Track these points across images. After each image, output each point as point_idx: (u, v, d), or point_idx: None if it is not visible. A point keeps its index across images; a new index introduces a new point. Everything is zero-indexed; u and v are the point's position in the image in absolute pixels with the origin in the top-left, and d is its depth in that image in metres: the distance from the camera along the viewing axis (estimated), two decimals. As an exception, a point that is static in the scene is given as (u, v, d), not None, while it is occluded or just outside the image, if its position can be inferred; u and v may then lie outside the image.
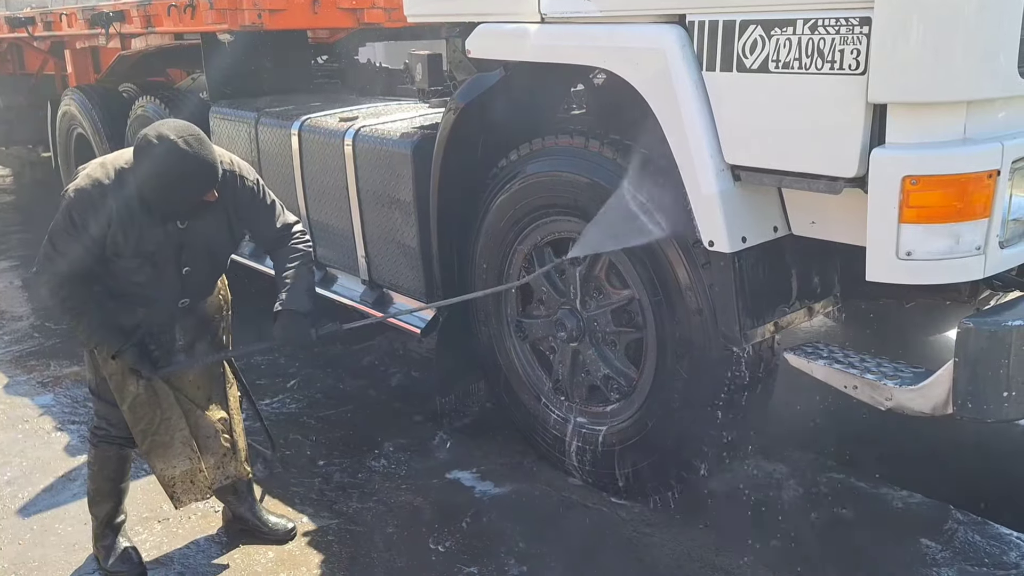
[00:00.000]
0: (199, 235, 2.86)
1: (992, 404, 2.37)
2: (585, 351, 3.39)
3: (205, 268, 2.97)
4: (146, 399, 2.92)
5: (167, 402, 2.96)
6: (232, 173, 2.89)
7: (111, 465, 3.09)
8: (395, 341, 5.01)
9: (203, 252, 2.91)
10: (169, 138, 2.61)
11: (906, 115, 2.32)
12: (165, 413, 2.96)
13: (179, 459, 2.99)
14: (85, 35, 6.36)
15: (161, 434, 2.96)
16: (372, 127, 4.03)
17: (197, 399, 3.04)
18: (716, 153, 2.68)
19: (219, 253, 3.01)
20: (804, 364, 2.81)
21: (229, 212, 2.92)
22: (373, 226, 4.08)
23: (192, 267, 2.90)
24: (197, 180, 2.68)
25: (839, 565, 3.04)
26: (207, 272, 3.00)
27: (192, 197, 2.73)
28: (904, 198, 2.32)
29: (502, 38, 3.25)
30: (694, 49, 2.67)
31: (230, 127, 4.98)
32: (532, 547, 3.17)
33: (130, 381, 2.91)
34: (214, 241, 2.93)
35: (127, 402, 2.92)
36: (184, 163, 2.62)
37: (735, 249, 2.73)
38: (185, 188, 2.69)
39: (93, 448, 3.11)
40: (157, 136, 2.63)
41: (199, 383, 3.06)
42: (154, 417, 2.94)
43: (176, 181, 2.65)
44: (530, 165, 3.37)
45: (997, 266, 2.46)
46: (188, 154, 2.61)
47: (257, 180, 2.98)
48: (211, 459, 3.04)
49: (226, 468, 3.08)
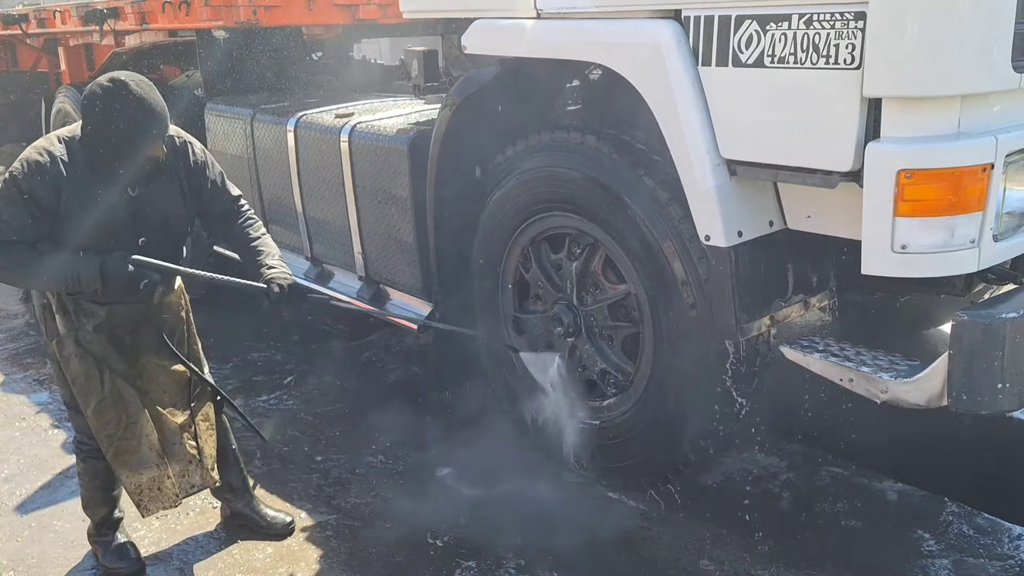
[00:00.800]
0: (153, 205, 2.82)
1: (987, 396, 2.39)
2: (582, 346, 3.40)
3: (162, 241, 2.89)
4: (111, 402, 2.86)
5: (133, 405, 2.90)
6: (184, 143, 2.92)
7: (101, 476, 3.05)
8: (392, 337, 5.01)
9: (158, 223, 2.85)
10: (120, 79, 2.62)
11: (901, 109, 2.34)
12: (131, 417, 2.89)
13: (146, 466, 2.91)
14: (79, 32, 6.34)
15: (127, 439, 2.89)
16: (368, 123, 4.03)
17: (163, 402, 2.98)
18: (712, 148, 2.69)
19: (175, 226, 2.94)
20: (800, 358, 2.82)
21: (182, 182, 2.91)
22: (370, 222, 4.09)
23: (148, 238, 2.83)
24: (147, 125, 2.64)
25: (835, 557, 3.05)
26: (165, 246, 2.90)
27: (141, 143, 2.66)
28: (899, 192, 2.33)
29: (498, 34, 3.25)
30: (690, 44, 2.68)
31: (226, 124, 4.98)
32: (530, 541, 3.18)
33: (94, 382, 2.85)
34: (169, 212, 2.88)
35: (91, 406, 2.85)
36: (135, 106, 2.60)
37: (731, 243, 2.75)
38: (134, 131, 2.63)
39: (80, 462, 3.08)
40: (109, 79, 2.62)
41: (165, 386, 3.00)
42: (120, 421, 2.87)
43: (126, 125, 2.61)
44: (526, 161, 3.37)
45: (991, 259, 2.48)
46: (139, 96, 2.61)
47: (205, 151, 3.01)
48: (176, 466, 2.97)
49: (191, 476, 3.00)
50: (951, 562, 3.02)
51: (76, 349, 2.85)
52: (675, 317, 3.00)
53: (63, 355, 2.87)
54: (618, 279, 3.24)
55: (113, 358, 2.89)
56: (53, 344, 2.89)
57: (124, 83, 2.62)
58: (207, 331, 5.21)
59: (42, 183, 2.65)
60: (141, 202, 2.80)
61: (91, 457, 3.02)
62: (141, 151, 2.69)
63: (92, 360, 2.86)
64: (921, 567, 3.01)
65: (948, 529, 3.20)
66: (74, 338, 2.85)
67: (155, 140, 2.70)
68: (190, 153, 2.94)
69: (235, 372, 4.76)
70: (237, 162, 4.92)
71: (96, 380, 2.86)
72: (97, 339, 2.86)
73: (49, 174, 2.66)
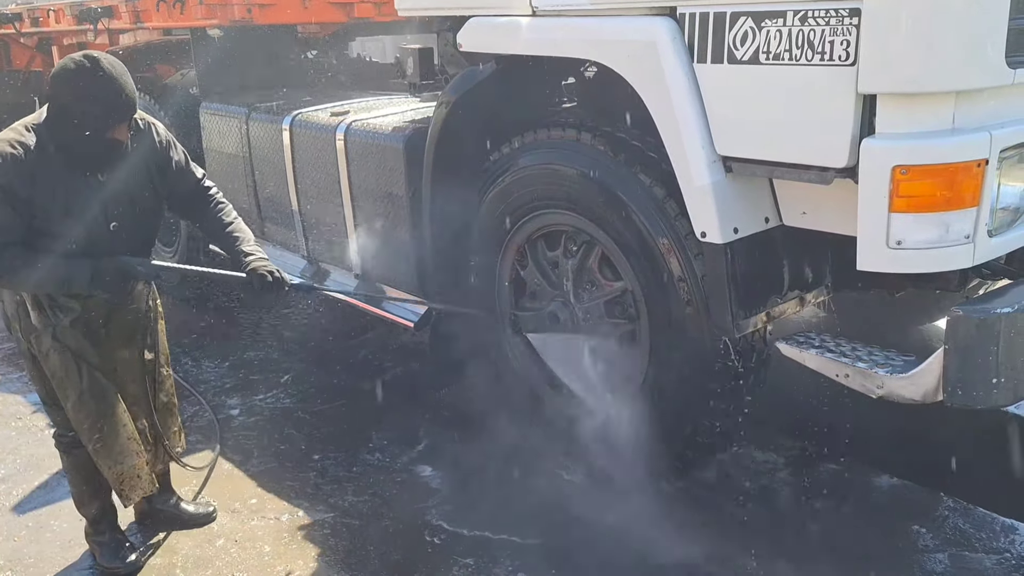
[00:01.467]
0: (121, 189, 2.81)
1: (982, 391, 2.40)
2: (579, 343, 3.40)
3: (133, 227, 2.88)
4: (90, 396, 2.90)
5: (111, 397, 2.94)
6: (148, 124, 2.93)
7: (87, 466, 3.05)
8: (388, 335, 5.01)
9: (128, 208, 2.84)
10: (92, 55, 2.61)
11: (895, 105, 2.34)
12: (110, 408, 2.94)
13: (125, 454, 2.97)
14: (73, 31, 6.33)
15: (107, 431, 2.93)
16: (364, 121, 4.03)
17: (135, 394, 3.06)
18: (708, 144, 2.70)
19: (145, 210, 2.93)
20: (796, 353, 2.83)
21: (150, 166, 2.91)
22: (366, 221, 4.08)
23: (119, 223, 2.82)
24: (115, 100, 2.61)
25: (833, 552, 3.06)
26: (136, 232, 2.91)
27: (108, 118, 2.64)
28: (894, 188, 2.34)
29: (494, 32, 3.25)
30: (685, 41, 2.69)
31: (221, 123, 4.97)
32: (529, 536, 3.19)
33: (72, 375, 2.87)
34: (137, 196, 2.87)
35: (71, 400, 2.89)
36: (105, 82, 2.59)
37: (727, 240, 2.75)
38: (101, 108, 2.61)
39: (64, 456, 3.10)
40: (82, 55, 2.62)
41: (135, 377, 3.05)
42: (100, 413, 2.92)
43: (94, 102, 2.59)
44: (522, 158, 3.37)
45: (986, 254, 2.48)
46: (109, 73, 2.60)
47: (168, 132, 3.02)
48: (147, 454, 3.08)
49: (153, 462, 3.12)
50: (947, 556, 3.03)
51: (54, 344, 2.86)
52: (672, 314, 3.00)
53: (41, 351, 2.88)
54: (614, 276, 3.24)
55: (89, 351, 2.92)
56: (31, 340, 2.90)
57: (96, 59, 2.60)
58: (202, 330, 5.30)
59: (18, 174, 2.62)
60: (109, 187, 2.78)
61: (74, 447, 3.05)
62: (108, 129, 2.66)
63: (70, 354, 2.88)
64: (918, 562, 3.02)
65: (944, 524, 3.21)
66: (51, 333, 2.86)
67: (122, 115, 2.67)
68: (154, 134, 2.93)
69: (231, 371, 4.75)
70: (232, 161, 4.91)
71: (75, 373, 2.88)
72: (73, 333, 2.88)
73: (24, 165, 2.63)
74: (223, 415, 4.23)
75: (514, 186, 3.41)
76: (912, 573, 2.96)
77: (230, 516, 3.43)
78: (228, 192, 4.95)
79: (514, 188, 3.41)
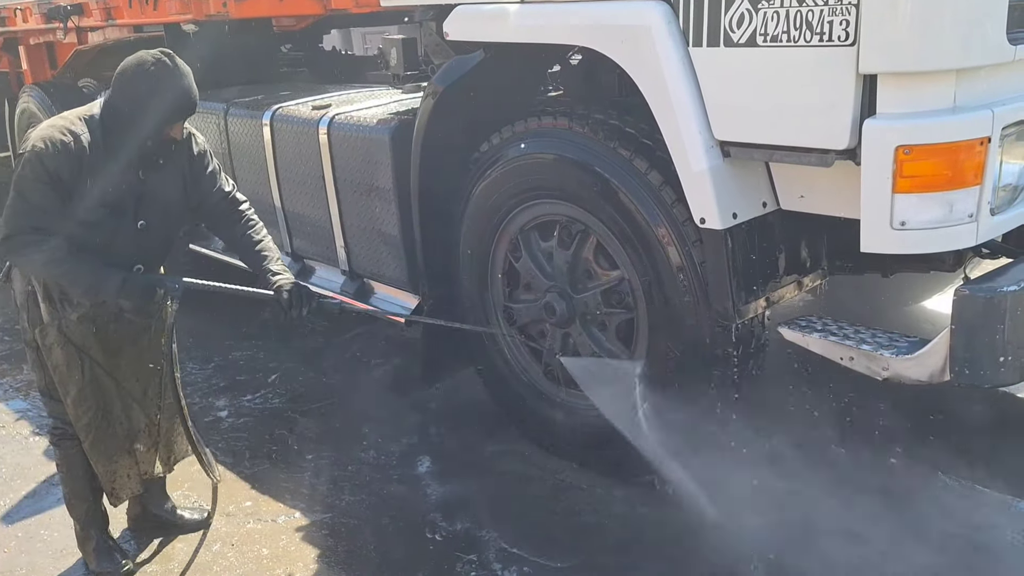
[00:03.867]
0: (156, 191, 2.86)
1: (988, 370, 2.40)
2: (576, 334, 3.37)
3: (159, 228, 2.92)
4: (90, 391, 2.91)
5: (110, 394, 2.96)
6: (191, 134, 2.99)
7: (79, 462, 3.04)
8: (378, 332, 4.95)
9: (159, 209, 2.88)
10: (167, 51, 2.72)
11: (896, 85, 2.33)
12: (108, 405, 2.96)
13: (120, 453, 3.01)
14: (41, 30, 6.19)
15: (104, 428, 2.96)
16: (347, 114, 3.96)
17: (134, 392, 3.04)
18: (705, 129, 2.67)
19: (173, 215, 2.98)
20: (799, 338, 2.82)
21: (185, 172, 2.95)
22: (352, 215, 4.02)
23: (147, 222, 2.85)
24: (185, 96, 2.72)
25: (829, 532, 3.04)
26: (160, 234, 2.95)
27: (175, 114, 2.74)
28: (897, 168, 2.32)
29: (481, 19, 3.20)
30: (680, 25, 2.65)
31: (198, 119, 4.85)
32: (529, 531, 3.15)
33: (75, 370, 2.88)
34: (169, 200, 2.92)
35: (71, 395, 2.90)
36: (173, 76, 2.69)
37: (727, 225, 2.73)
38: (172, 100, 2.70)
39: (57, 450, 3.09)
40: (159, 51, 2.71)
41: (138, 375, 3.04)
42: (99, 409, 2.94)
43: (163, 93, 2.67)
44: (513, 148, 3.33)
45: (988, 233, 2.48)
46: (181, 67, 2.72)
47: (206, 142, 3.08)
48: (140, 455, 3.08)
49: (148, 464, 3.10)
50: (943, 533, 3.03)
51: (59, 337, 2.87)
52: (670, 301, 2.97)
53: (45, 343, 2.88)
54: (610, 265, 3.21)
55: (94, 348, 2.93)
56: (35, 332, 2.89)
57: (172, 56, 2.71)
58: (187, 331, 5.19)
59: (67, 162, 2.65)
60: (147, 186, 2.84)
61: (65, 439, 3.03)
62: (169, 126, 2.75)
63: (74, 349, 2.89)
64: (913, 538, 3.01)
65: (939, 500, 3.20)
66: (57, 326, 2.87)
67: (183, 111, 2.77)
68: (193, 143, 2.99)
69: (218, 372, 4.68)
70: (212, 158, 4.82)
71: (77, 368, 2.89)
72: (80, 329, 2.89)
73: (74, 153, 2.67)
74: (211, 417, 4.16)
75: (505, 176, 3.36)
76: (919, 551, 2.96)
77: (225, 519, 3.37)
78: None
79: (505, 178, 3.37)
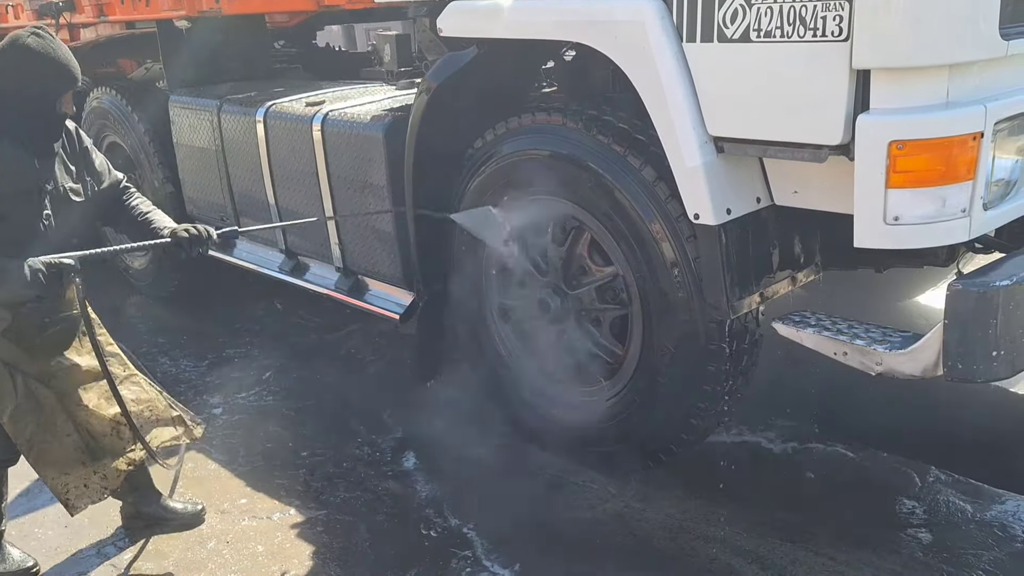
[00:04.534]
0: (56, 181, 2.85)
1: (982, 364, 2.40)
2: (570, 330, 3.37)
3: (68, 215, 2.88)
4: (27, 408, 2.84)
5: (50, 407, 2.89)
6: (76, 128, 3.00)
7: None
8: (372, 329, 4.94)
9: (60, 199, 2.85)
10: (38, 27, 2.78)
11: (889, 80, 2.33)
12: (49, 419, 2.88)
13: (70, 464, 2.92)
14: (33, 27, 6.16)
15: (48, 441, 2.88)
16: (341, 111, 3.95)
17: (87, 400, 2.95)
18: (699, 125, 2.67)
19: (75, 206, 2.91)
20: (793, 333, 2.81)
21: (78, 160, 2.96)
22: (346, 212, 4.01)
23: (53, 213, 2.82)
24: (63, 67, 2.74)
25: (826, 528, 3.06)
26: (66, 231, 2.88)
27: (60, 84, 2.77)
28: (891, 163, 2.33)
29: (475, 15, 3.19)
30: (673, 20, 2.65)
31: (191, 116, 4.86)
32: (524, 527, 3.15)
33: (6, 387, 2.81)
34: (70, 189, 2.90)
35: (7, 412, 2.83)
36: (51, 47, 2.73)
37: (721, 221, 2.73)
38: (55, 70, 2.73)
39: None
40: (30, 28, 2.75)
41: (85, 383, 2.96)
42: (38, 424, 2.87)
43: (44, 64, 2.70)
44: (507, 144, 3.33)
45: (981, 228, 2.49)
46: (56, 38, 2.78)
47: (88, 139, 3.08)
48: (110, 458, 2.98)
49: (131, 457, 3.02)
50: (938, 528, 3.05)
51: None
52: (664, 297, 2.98)
53: None
54: (605, 261, 3.21)
55: (24, 362, 2.85)
56: None
57: (44, 29, 2.77)
58: (181, 329, 5.20)
59: None
60: (45, 175, 2.81)
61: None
62: (54, 98, 2.77)
63: (3, 366, 2.83)
64: (910, 535, 3.03)
65: (935, 496, 3.22)
66: None
67: (71, 86, 2.80)
68: (81, 137, 3.00)
69: (211, 369, 4.67)
70: (204, 155, 4.81)
71: (9, 385, 2.83)
72: (5, 344, 2.81)
73: None
74: (205, 414, 4.14)
75: (499, 173, 3.36)
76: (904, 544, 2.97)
77: (220, 517, 3.36)
78: (201, 187, 4.92)
79: (499, 175, 3.36)
